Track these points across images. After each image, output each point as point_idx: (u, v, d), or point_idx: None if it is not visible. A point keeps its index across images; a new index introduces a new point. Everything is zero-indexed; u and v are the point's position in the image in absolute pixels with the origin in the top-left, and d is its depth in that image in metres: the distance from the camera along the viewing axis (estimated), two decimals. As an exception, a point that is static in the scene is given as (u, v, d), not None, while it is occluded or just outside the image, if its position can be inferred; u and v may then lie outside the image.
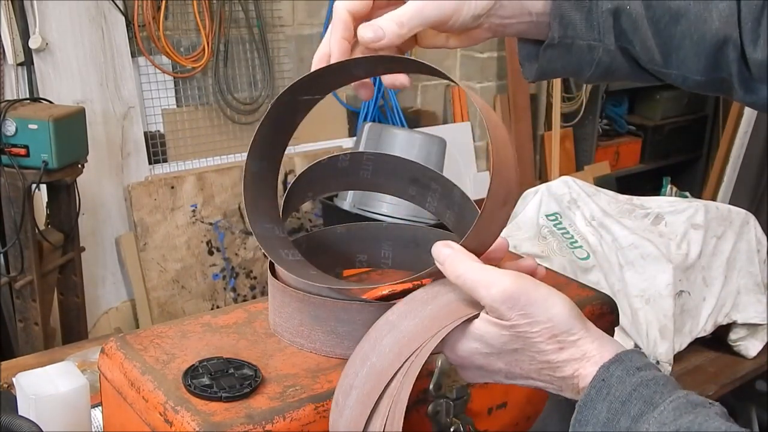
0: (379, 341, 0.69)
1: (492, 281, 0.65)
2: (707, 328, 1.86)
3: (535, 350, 0.65)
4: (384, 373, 0.67)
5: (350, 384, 0.69)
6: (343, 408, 0.69)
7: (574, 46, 0.78)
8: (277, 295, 0.88)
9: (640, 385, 0.61)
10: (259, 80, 3.28)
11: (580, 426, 0.62)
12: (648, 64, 0.79)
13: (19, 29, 2.65)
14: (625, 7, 0.76)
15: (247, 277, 3.28)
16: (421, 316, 0.69)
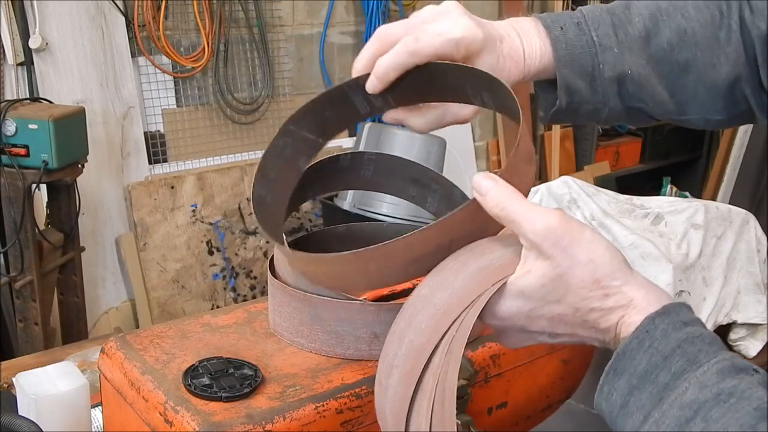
0: (414, 317, 0.66)
1: (537, 216, 0.63)
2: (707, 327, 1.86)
3: (578, 297, 0.62)
4: (423, 350, 0.65)
5: (391, 363, 0.67)
6: (386, 387, 0.68)
7: (580, 110, 0.82)
8: (276, 295, 0.88)
9: (685, 341, 0.59)
10: (259, 80, 3.28)
11: (615, 374, 0.60)
12: (662, 115, 0.82)
13: (19, 29, 2.65)
14: (627, 73, 0.79)
15: (247, 276, 3.28)
16: (453, 287, 0.66)
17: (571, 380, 1.00)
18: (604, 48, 0.79)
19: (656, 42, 0.79)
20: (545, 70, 0.81)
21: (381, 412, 0.70)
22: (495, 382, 0.91)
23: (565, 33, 0.80)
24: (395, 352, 0.67)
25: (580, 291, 0.63)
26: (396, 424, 0.66)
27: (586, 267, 0.62)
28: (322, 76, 3.52)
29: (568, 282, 0.62)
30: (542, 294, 0.63)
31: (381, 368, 0.69)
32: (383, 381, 0.68)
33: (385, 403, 0.68)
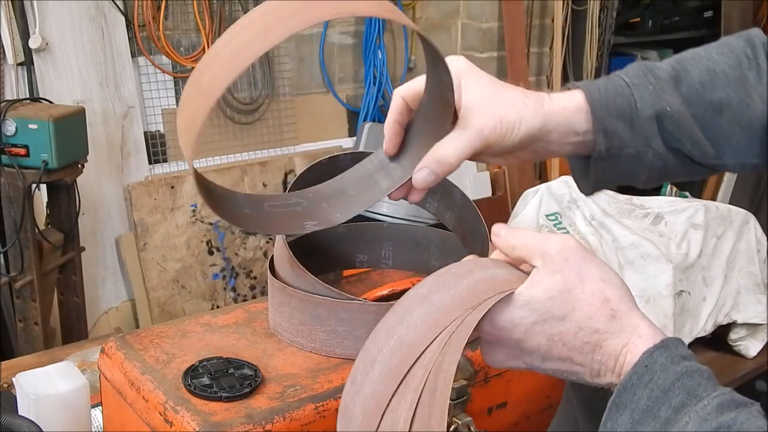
0: (408, 314, 0.65)
1: (552, 237, 0.65)
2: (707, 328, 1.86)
3: (584, 315, 0.62)
4: (414, 345, 0.63)
5: (372, 359, 0.65)
6: (361, 385, 0.65)
7: (622, 155, 0.77)
8: (276, 295, 0.88)
9: (684, 375, 0.59)
10: (258, 80, 3.28)
11: (618, 410, 0.60)
12: (702, 158, 0.78)
13: (19, 29, 2.65)
14: (665, 110, 0.76)
15: (247, 276, 3.28)
16: (457, 289, 0.65)
17: (571, 380, 1.00)
18: (638, 86, 0.77)
19: (687, 82, 0.77)
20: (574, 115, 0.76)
21: (347, 412, 0.66)
22: (495, 382, 0.91)
23: (594, 83, 0.78)
24: (380, 347, 0.65)
25: (587, 308, 0.62)
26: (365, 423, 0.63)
27: (596, 285, 0.63)
28: (322, 76, 3.52)
29: (577, 298, 0.63)
30: (548, 307, 0.63)
31: (358, 365, 0.66)
32: (358, 378, 0.65)
33: (356, 401, 0.65)
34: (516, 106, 0.74)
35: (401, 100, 0.78)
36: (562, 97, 0.77)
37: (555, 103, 0.76)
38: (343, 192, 0.84)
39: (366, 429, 0.63)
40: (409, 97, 0.78)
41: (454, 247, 0.99)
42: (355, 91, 3.63)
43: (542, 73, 4.15)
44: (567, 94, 0.78)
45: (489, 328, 0.66)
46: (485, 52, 3.87)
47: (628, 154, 0.77)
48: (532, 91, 0.77)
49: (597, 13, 4.13)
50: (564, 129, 0.76)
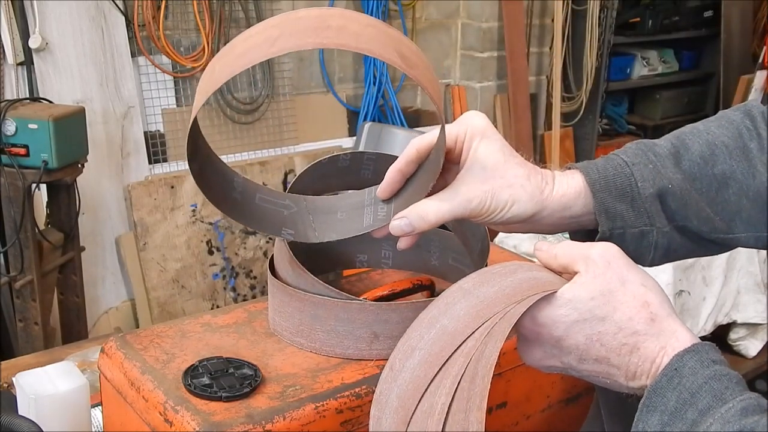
0: (452, 306, 0.66)
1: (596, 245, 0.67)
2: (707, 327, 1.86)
3: (624, 317, 0.63)
4: (456, 334, 0.64)
5: (413, 346, 0.66)
6: (400, 371, 0.66)
7: (626, 235, 0.76)
8: (276, 294, 0.88)
9: (712, 378, 0.60)
10: (258, 80, 3.28)
11: (648, 411, 0.61)
12: (712, 234, 0.77)
13: (19, 29, 2.65)
14: (667, 187, 0.75)
15: (247, 276, 3.28)
16: (501, 285, 0.66)
17: (571, 381, 1.00)
18: (637, 166, 0.75)
19: (687, 157, 0.76)
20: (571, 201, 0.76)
21: (383, 397, 0.67)
22: (495, 382, 0.91)
23: (594, 164, 0.77)
24: (420, 335, 0.66)
25: (628, 310, 0.63)
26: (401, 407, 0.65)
27: (637, 288, 0.64)
28: (322, 76, 3.53)
29: (618, 299, 0.64)
30: (590, 307, 0.64)
31: (398, 352, 0.67)
32: (397, 365, 0.66)
33: (392, 387, 0.66)
34: (513, 186, 0.74)
35: (414, 152, 0.78)
36: (563, 181, 0.76)
37: (555, 189, 0.76)
38: (333, 213, 0.86)
39: (402, 413, 0.64)
40: (423, 149, 0.78)
41: (454, 248, 0.99)
42: (355, 91, 3.64)
43: (542, 73, 4.15)
44: (568, 176, 0.77)
45: (530, 324, 0.67)
46: (485, 51, 3.87)
47: (632, 234, 0.76)
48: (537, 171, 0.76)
49: (597, 12, 4.13)
50: (559, 214, 0.76)
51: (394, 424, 0.65)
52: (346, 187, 0.98)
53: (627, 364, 0.64)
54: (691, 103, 5.05)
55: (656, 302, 0.64)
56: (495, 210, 0.74)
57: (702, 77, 5.09)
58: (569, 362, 0.67)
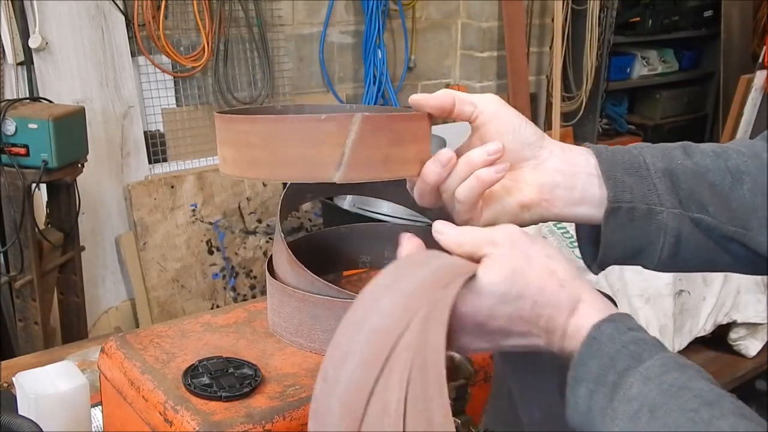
0: (376, 304, 0.65)
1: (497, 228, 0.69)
2: (707, 327, 1.86)
3: (536, 289, 0.65)
4: (390, 331, 0.63)
5: (345, 351, 0.63)
6: (336, 380, 0.63)
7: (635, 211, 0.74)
8: (275, 295, 0.88)
9: (630, 342, 0.62)
10: (258, 80, 3.28)
11: (576, 383, 0.63)
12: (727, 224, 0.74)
13: (19, 29, 2.65)
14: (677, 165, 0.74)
15: (246, 276, 3.28)
16: (419, 276, 0.66)
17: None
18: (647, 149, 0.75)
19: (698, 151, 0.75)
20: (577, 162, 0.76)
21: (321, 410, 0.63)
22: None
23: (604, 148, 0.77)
24: (350, 339, 0.64)
25: (538, 282, 0.66)
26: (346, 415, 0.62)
27: (543, 260, 0.67)
28: (322, 76, 3.52)
29: (528, 275, 0.66)
30: (506, 287, 0.66)
31: (329, 361, 0.64)
32: (330, 375, 0.63)
33: (331, 397, 0.62)
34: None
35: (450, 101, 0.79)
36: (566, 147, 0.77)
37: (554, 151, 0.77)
38: None
39: (348, 420, 0.62)
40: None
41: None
42: (355, 91, 3.64)
43: (542, 73, 4.15)
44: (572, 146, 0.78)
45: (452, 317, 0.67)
46: (485, 51, 3.87)
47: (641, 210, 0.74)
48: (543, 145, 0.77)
49: (597, 12, 4.13)
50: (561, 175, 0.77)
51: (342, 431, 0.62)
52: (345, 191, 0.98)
53: (546, 331, 0.66)
54: (691, 103, 5.05)
55: (561, 269, 0.67)
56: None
57: (702, 77, 5.09)
58: (495, 341, 0.69)
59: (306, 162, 0.72)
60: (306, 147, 0.71)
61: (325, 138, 0.71)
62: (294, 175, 0.73)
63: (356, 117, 0.71)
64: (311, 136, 0.71)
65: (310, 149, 0.72)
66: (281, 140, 0.72)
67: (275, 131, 0.72)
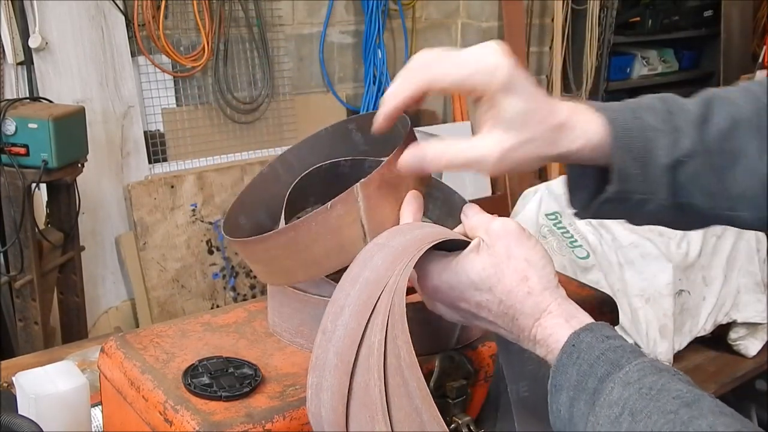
0: (369, 260, 0.70)
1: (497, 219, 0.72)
2: (707, 327, 1.86)
3: (505, 290, 0.68)
4: (379, 280, 0.68)
5: (341, 305, 0.69)
6: (333, 331, 0.69)
7: (628, 200, 0.77)
8: (276, 296, 0.88)
9: (608, 350, 0.63)
10: (258, 79, 3.28)
11: (556, 391, 0.64)
12: (712, 210, 0.77)
13: (19, 28, 2.65)
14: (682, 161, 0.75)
15: (246, 276, 3.29)
16: (411, 235, 0.71)
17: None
18: (661, 133, 0.75)
19: (710, 129, 0.76)
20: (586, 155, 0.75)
21: (319, 362, 0.69)
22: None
23: (621, 114, 0.76)
24: (347, 293, 0.69)
25: (509, 283, 0.68)
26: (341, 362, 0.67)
27: (519, 264, 0.68)
28: (321, 76, 3.53)
29: (502, 272, 0.68)
30: (481, 277, 0.69)
31: (327, 316, 0.70)
32: (329, 326, 0.69)
33: (329, 348, 0.68)
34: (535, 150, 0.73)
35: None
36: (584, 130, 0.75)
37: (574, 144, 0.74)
38: None
39: (342, 368, 0.67)
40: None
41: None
42: (355, 91, 3.64)
43: (542, 73, 4.15)
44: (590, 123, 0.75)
45: (426, 282, 0.73)
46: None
47: (635, 200, 0.76)
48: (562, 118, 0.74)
49: (597, 12, 4.13)
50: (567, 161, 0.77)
51: (336, 380, 0.67)
52: None
53: (510, 329, 0.69)
54: (690, 103, 5.04)
55: (535, 278, 0.68)
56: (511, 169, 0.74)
57: (702, 77, 5.08)
58: (467, 318, 0.73)
59: (333, 251, 0.75)
60: (327, 239, 0.74)
61: (340, 222, 0.74)
62: (327, 268, 0.76)
63: (356, 188, 0.73)
64: (328, 228, 0.73)
65: (333, 239, 0.74)
66: (303, 245, 0.74)
67: (293, 239, 0.74)
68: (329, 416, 0.68)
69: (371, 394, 0.64)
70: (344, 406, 0.66)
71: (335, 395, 0.67)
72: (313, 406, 0.70)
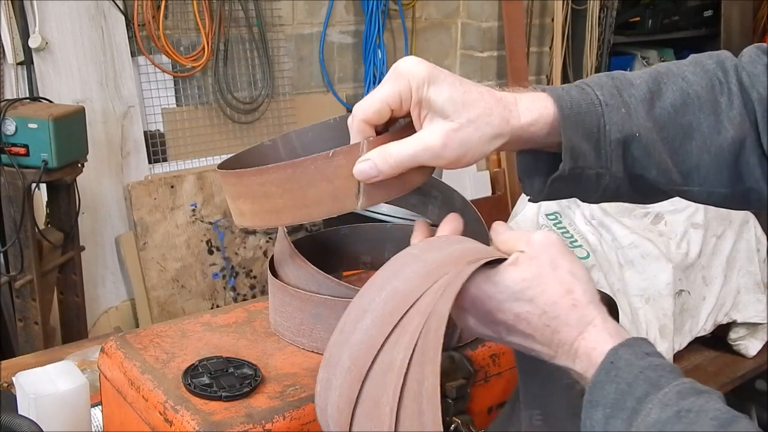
0: (402, 270, 0.68)
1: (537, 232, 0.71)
2: (707, 327, 1.86)
3: (549, 301, 0.67)
4: (409, 294, 0.66)
5: (364, 309, 0.68)
6: (351, 333, 0.67)
7: (583, 176, 0.77)
8: (277, 295, 0.88)
9: (647, 368, 0.62)
10: (258, 79, 3.28)
11: (591, 407, 0.63)
12: (667, 185, 0.78)
13: (19, 28, 2.65)
14: (635, 135, 0.75)
15: (246, 276, 3.28)
16: (448, 251, 0.69)
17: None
18: (610, 108, 0.75)
19: (660, 104, 0.76)
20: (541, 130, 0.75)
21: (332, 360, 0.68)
22: (495, 382, 0.91)
23: (567, 92, 0.76)
24: (371, 298, 0.68)
25: (553, 295, 0.67)
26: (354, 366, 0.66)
27: (565, 276, 0.68)
28: (321, 76, 3.52)
29: (546, 283, 0.67)
30: (521, 287, 0.68)
31: (348, 316, 0.69)
32: (348, 327, 0.68)
33: (343, 349, 0.67)
34: (477, 125, 0.72)
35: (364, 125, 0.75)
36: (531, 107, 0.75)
37: (521, 117, 0.74)
38: None
39: (355, 372, 0.66)
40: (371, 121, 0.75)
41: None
42: (355, 91, 3.64)
43: (542, 73, 4.15)
44: (536, 101, 0.75)
45: (466, 296, 0.70)
46: (485, 51, 3.87)
47: (588, 175, 0.77)
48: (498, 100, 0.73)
49: (597, 12, 4.13)
50: (523, 142, 0.76)
51: (347, 383, 0.66)
52: None
53: (549, 344, 0.68)
54: (690, 103, 5.04)
55: (580, 290, 0.68)
56: (466, 152, 0.73)
57: (702, 77, 5.08)
58: (499, 333, 0.71)
59: (326, 198, 0.74)
60: (323, 185, 0.74)
61: (339, 172, 0.73)
62: (317, 213, 0.76)
63: (363, 143, 0.73)
64: (325, 174, 0.73)
65: (327, 186, 0.74)
66: (298, 184, 0.74)
67: (290, 177, 0.74)
68: (334, 414, 0.67)
69: (381, 411, 0.63)
70: (350, 410, 0.66)
71: (343, 397, 0.66)
72: (321, 401, 0.69)
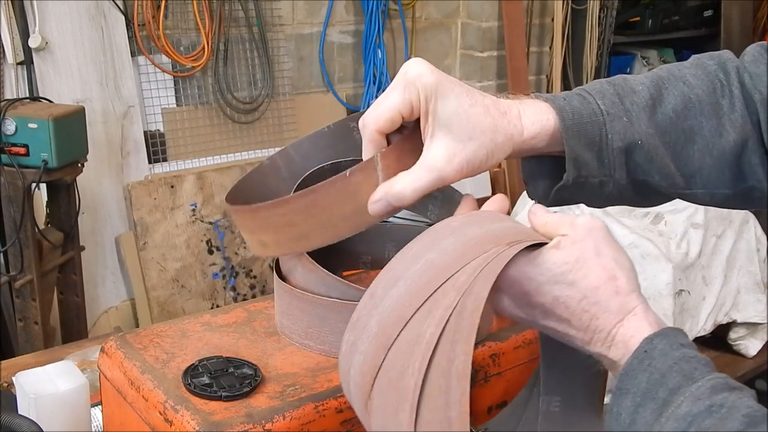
0: (440, 242, 0.67)
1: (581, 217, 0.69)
2: (707, 327, 1.86)
3: (591, 286, 0.66)
4: (445, 267, 0.65)
5: (397, 276, 0.66)
6: (381, 299, 0.66)
7: (586, 185, 0.78)
8: (284, 297, 0.88)
9: (682, 359, 0.62)
10: (258, 79, 3.28)
11: (621, 394, 0.63)
12: (670, 189, 0.78)
13: (19, 28, 2.65)
14: (637, 143, 0.76)
15: (246, 276, 3.28)
16: (489, 228, 0.68)
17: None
18: (612, 117, 0.76)
19: (661, 110, 0.77)
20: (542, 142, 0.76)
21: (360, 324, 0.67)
22: (495, 382, 0.91)
23: (569, 102, 0.76)
24: (406, 266, 0.66)
25: (595, 280, 0.66)
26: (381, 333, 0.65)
27: (609, 262, 0.67)
28: (321, 76, 3.52)
29: (589, 268, 0.66)
30: (562, 270, 0.66)
31: (380, 281, 0.67)
32: (379, 292, 0.66)
33: (372, 314, 0.66)
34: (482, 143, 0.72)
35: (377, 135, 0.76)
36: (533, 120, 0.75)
37: (524, 131, 0.75)
38: None
39: (382, 340, 0.64)
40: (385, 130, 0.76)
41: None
42: (355, 91, 3.64)
43: (542, 73, 4.15)
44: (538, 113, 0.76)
45: (506, 275, 0.69)
46: (485, 51, 3.87)
47: (592, 183, 0.77)
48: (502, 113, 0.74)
49: (597, 12, 4.13)
50: (523, 152, 0.77)
51: (372, 349, 0.65)
52: None
53: (585, 330, 0.67)
54: (691, 103, 5.04)
55: (623, 278, 0.67)
56: (471, 171, 0.73)
57: (702, 77, 5.08)
58: (534, 316, 0.69)
59: (351, 215, 0.75)
60: (346, 204, 0.74)
61: (359, 188, 0.74)
62: (345, 231, 0.76)
63: (376, 157, 0.73)
64: (347, 193, 0.74)
65: (351, 204, 0.74)
66: (321, 208, 0.75)
67: (312, 202, 0.75)
68: (357, 378, 0.66)
69: (405, 382, 0.62)
70: (373, 375, 0.64)
71: (367, 363, 0.65)
72: (344, 363, 0.68)
